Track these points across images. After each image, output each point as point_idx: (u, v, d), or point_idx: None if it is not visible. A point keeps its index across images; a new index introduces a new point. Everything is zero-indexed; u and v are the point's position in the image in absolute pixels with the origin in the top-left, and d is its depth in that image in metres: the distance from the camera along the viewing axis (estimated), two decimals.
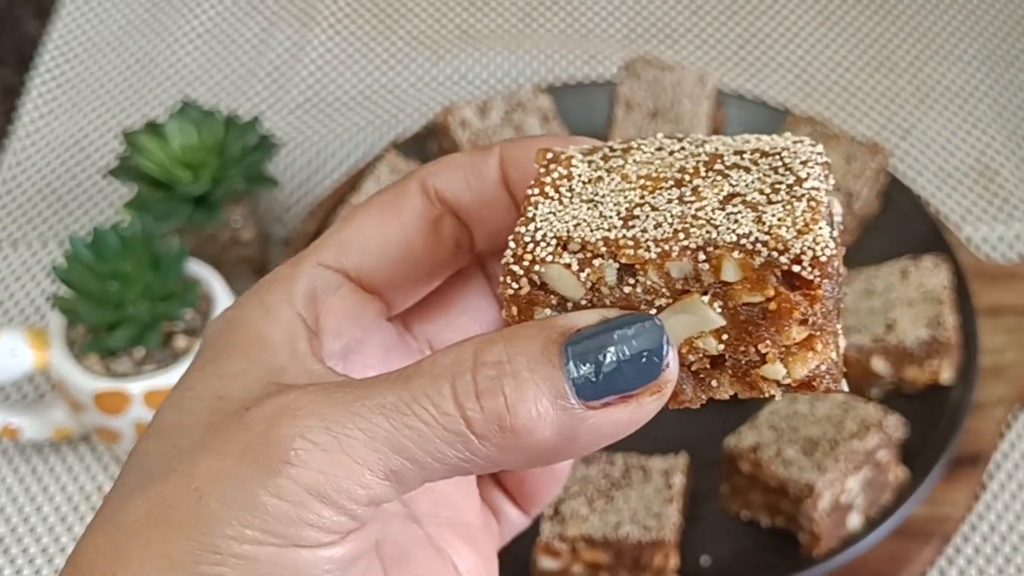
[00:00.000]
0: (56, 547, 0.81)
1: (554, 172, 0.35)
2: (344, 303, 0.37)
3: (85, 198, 1.01)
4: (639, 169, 0.34)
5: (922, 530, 0.78)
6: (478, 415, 0.31)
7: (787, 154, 0.34)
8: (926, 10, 1.14)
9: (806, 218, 0.31)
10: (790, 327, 0.32)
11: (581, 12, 1.16)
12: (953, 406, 0.81)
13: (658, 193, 0.33)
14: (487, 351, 0.31)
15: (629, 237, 0.32)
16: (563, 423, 0.31)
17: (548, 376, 0.31)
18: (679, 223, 0.32)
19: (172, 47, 1.13)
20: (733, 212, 0.32)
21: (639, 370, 0.31)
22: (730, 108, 0.98)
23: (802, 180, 0.32)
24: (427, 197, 0.37)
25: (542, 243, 0.32)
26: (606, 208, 0.33)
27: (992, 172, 1.01)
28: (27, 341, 0.79)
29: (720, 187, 0.33)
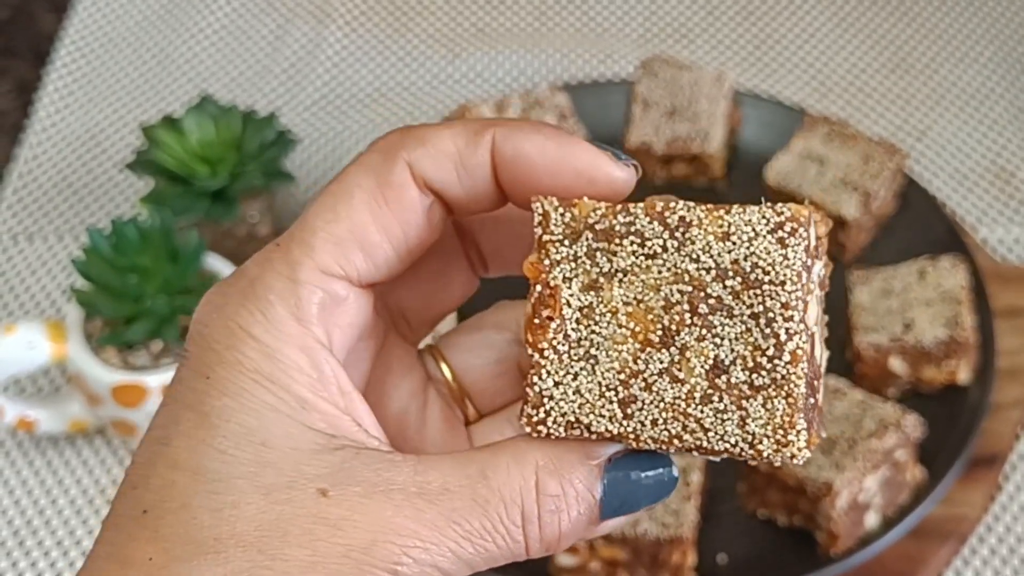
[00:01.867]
0: (71, 540, 0.81)
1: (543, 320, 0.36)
2: (350, 312, 0.36)
3: (101, 192, 1.02)
4: (626, 293, 0.35)
5: (939, 530, 0.78)
6: (537, 545, 0.36)
7: (768, 281, 0.34)
8: (942, 12, 1.14)
9: (785, 424, 0.34)
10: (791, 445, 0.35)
11: (596, 11, 1.16)
12: (970, 407, 0.81)
13: (649, 354, 0.35)
14: (547, 483, 0.35)
15: (630, 431, 0.35)
16: (584, 534, 0.37)
17: (589, 509, 0.36)
18: (672, 420, 0.35)
19: (188, 43, 1.14)
20: (720, 410, 0.34)
21: (650, 498, 0.37)
22: (747, 108, 0.98)
23: (782, 345, 0.34)
24: (418, 187, 0.36)
25: (554, 425, 0.36)
26: (603, 373, 0.35)
27: (1008, 174, 1.01)
28: (45, 334, 0.79)
29: (705, 352, 0.35)
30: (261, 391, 0.33)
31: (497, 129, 0.36)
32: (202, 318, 0.35)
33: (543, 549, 0.36)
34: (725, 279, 0.34)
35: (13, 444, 0.86)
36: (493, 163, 0.36)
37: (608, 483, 0.36)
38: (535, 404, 0.36)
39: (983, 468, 0.81)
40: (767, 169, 0.90)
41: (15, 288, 0.95)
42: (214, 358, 0.34)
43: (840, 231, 0.88)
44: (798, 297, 0.34)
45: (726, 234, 0.34)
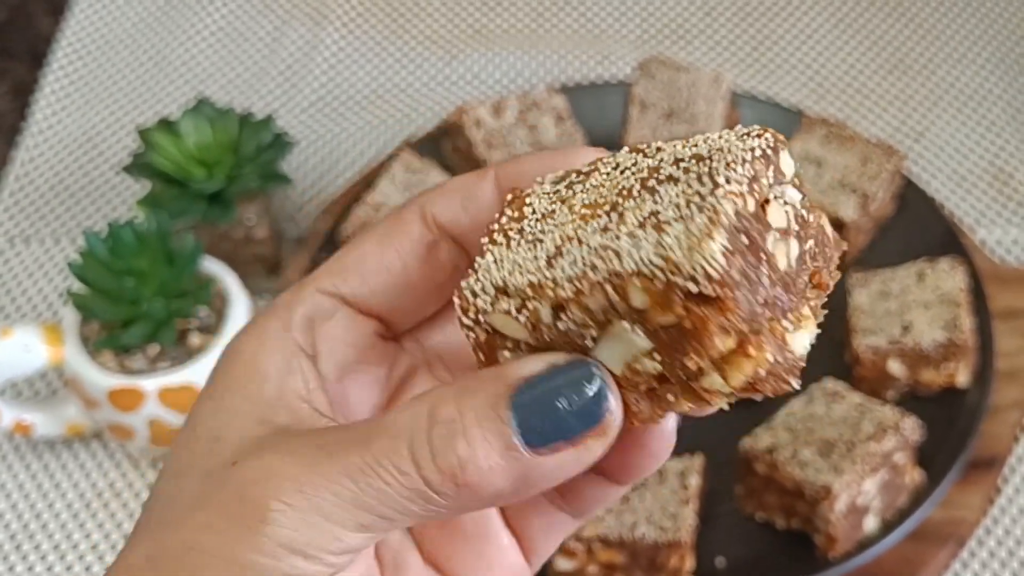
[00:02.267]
0: (68, 544, 0.81)
1: (504, 217, 0.36)
2: (339, 327, 0.38)
3: (98, 195, 1.01)
4: (587, 196, 0.35)
5: (937, 533, 0.78)
6: (434, 474, 0.33)
7: (719, 157, 0.33)
8: (940, 12, 1.14)
9: (700, 234, 0.31)
10: (712, 339, 0.32)
11: (594, 13, 1.16)
12: (969, 409, 0.81)
13: (590, 223, 0.34)
14: (440, 409, 0.33)
15: (549, 278, 0.33)
16: (514, 472, 0.33)
17: (497, 431, 0.33)
18: (592, 256, 0.33)
19: (185, 45, 1.13)
20: (639, 237, 0.32)
21: (582, 417, 0.33)
22: (744, 109, 0.97)
23: (716, 188, 0.32)
24: (424, 223, 0.38)
25: (482, 294, 0.34)
26: (543, 247, 0.34)
27: (1006, 175, 1.01)
28: (41, 337, 0.79)
29: (643, 208, 0.33)
30: (232, 396, 0.36)
31: (498, 164, 0.39)
32: (228, 343, 0.38)
33: (448, 482, 0.33)
34: (681, 162, 0.34)
35: (10, 448, 0.86)
36: (499, 193, 0.38)
37: (519, 400, 0.33)
38: (469, 276, 0.34)
39: (982, 471, 0.81)
40: None
41: (11, 291, 0.95)
42: (211, 375, 0.37)
43: (839, 233, 0.88)
44: (748, 159, 0.33)
45: (695, 144, 0.34)
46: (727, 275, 0.31)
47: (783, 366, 0.33)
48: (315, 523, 0.33)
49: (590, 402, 0.33)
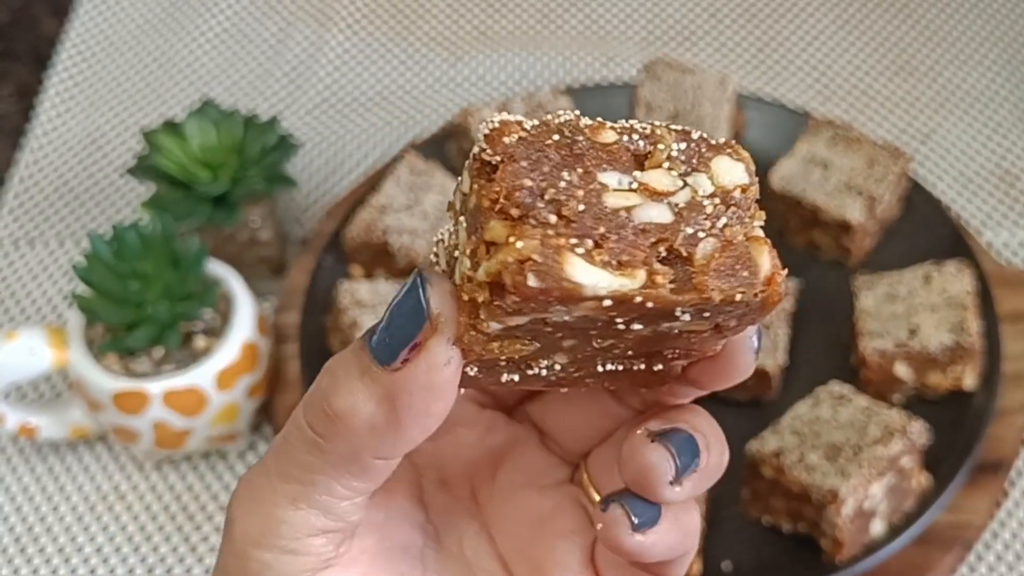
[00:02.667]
0: (72, 547, 0.81)
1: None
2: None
3: (102, 197, 1.01)
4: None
5: (944, 537, 0.77)
6: (311, 415, 0.34)
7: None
8: (946, 14, 1.14)
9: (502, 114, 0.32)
10: (488, 221, 0.31)
11: (599, 14, 1.16)
12: (976, 412, 0.80)
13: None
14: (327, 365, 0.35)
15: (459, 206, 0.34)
16: (376, 392, 0.34)
17: (354, 359, 0.34)
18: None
19: (190, 46, 1.13)
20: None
21: (413, 321, 0.33)
22: (750, 111, 0.97)
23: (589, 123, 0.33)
24: None
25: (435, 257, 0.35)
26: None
27: (1013, 177, 1.00)
28: (46, 340, 0.79)
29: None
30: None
31: None
32: None
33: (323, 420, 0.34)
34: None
35: (15, 450, 0.85)
36: None
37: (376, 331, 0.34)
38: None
39: (989, 474, 0.80)
40: (771, 173, 0.90)
41: (16, 293, 0.95)
42: None
43: (845, 235, 0.88)
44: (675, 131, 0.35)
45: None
46: (512, 148, 0.31)
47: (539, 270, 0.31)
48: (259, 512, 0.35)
49: (416, 303, 0.33)
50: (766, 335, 0.82)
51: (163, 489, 0.83)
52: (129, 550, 0.81)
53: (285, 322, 0.88)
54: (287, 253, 0.93)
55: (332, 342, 0.85)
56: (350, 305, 0.82)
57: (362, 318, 0.81)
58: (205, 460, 0.85)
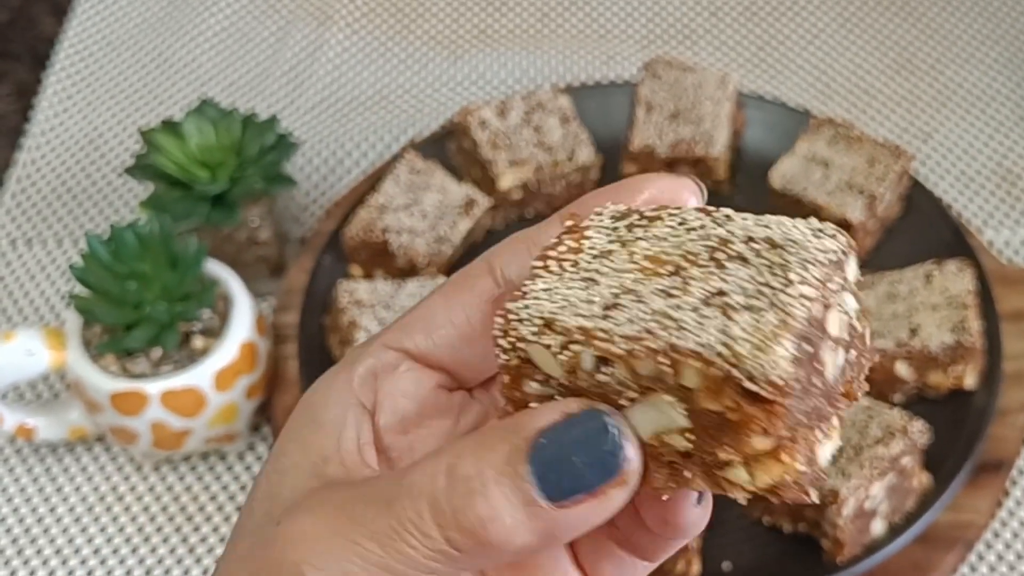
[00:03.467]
0: (70, 548, 0.81)
1: (563, 245, 0.35)
2: (402, 380, 0.38)
3: (100, 197, 1.01)
4: (649, 247, 0.34)
5: (945, 536, 0.77)
6: (456, 534, 0.33)
7: (795, 249, 0.33)
8: (947, 12, 1.14)
9: (770, 335, 0.31)
10: (750, 438, 0.31)
11: (599, 13, 1.15)
12: (977, 412, 0.80)
13: (652, 280, 0.33)
14: (459, 466, 0.33)
15: (603, 329, 0.32)
16: (537, 526, 0.33)
17: (516, 487, 0.32)
18: (652, 320, 0.32)
19: (188, 46, 1.13)
20: (705, 315, 0.32)
21: (599, 469, 0.32)
22: (751, 110, 0.97)
23: (789, 285, 0.32)
24: (492, 277, 0.38)
25: (527, 321, 0.33)
26: (598, 290, 0.33)
27: (1014, 176, 1.00)
28: (44, 341, 0.78)
29: (710, 282, 0.32)
30: (292, 451, 0.37)
31: (568, 206, 0.38)
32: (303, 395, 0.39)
33: (471, 541, 0.33)
34: (752, 242, 0.33)
35: (12, 451, 0.85)
36: None
37: (537, 454, 0.32)
38: (516, 299, 0.34)
39: (990, 474, 0.80)
40: (772, 172, 0.90)
41: (14, 293, 0.94)
42: (283, 430, 0.38)
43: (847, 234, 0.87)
44: (823, 262, 0.33)
45: (766, 225, 0.34)
46: (788, 384, 0.30)
47: (807, 476, 0.32)
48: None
49: (606, 454, 0.32)
50: None
51: (161, 490, 0.83)
52: (127, 551, 0.81)
53: (284, 322, 0.88)
54: (286, 253, 0.93)
55: (331, 342, 0.85)
56: (349, 305, 0.82)
57: (361, 318, 0.81)
58: (204, 461, 0.84)
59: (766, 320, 0.31)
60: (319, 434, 0.37)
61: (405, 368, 0.38)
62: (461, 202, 0.90)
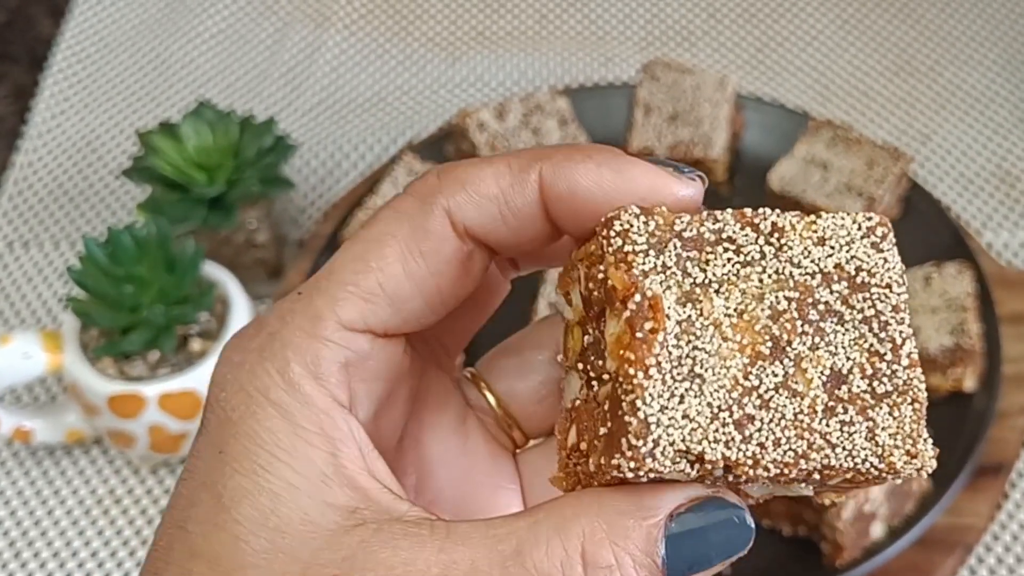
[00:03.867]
0: (67, 551, 0.81)
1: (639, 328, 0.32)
2: (375, 365, 0.34)
3: (97, 199, 1.01)
4: (727, 305, 0.32)
5: (945, 540, 0.77)
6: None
7: (875, 284, 0.33)
8: (946, 14, 1.13)
9: (913, 433, 0.32)
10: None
11: (598, 15, 1.15)
12: (976, 415, 0.80)
13: (760, 366, 0.32)
14: (596, 555, 0.31)
15: (748, 455, 0.31)
16: None
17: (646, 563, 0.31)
18: (796, 439, 0.32)
19: (186, 48, 1.13)
20: (845, 422, 0.32)
21: (726, 552, 0.32)
22: (749, 112, 0.97)
23: (899, 349, 0.33)
24: (457, 234, 0.34)
25: (660, 455, 0.31)
26: (713, 393, 0.32)
27: (1013, 178, 1.00)
28: (41, 344, 0.78)
29: (820, 361, 0.32)
30: (278, 466, 0.32)
31: (544, 164, 0.33)
32: (218, 380, 0.33)
33: None
34: (831, 283, 0.33)
35: (9, 454, 0.85)
36: (543, 201, 0.34)
37: (671, 542, 0.31)
38: (639, 434, 0.31)
39: (989, 477, 0.80)
40: (770, 174, 0.90)
41: (11, 296, 0.94)
42: (229, 430, 0.32)
43: None
44: (905, 301, 0.33)
45: (822, 239, 0.33)
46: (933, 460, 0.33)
47: None
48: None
49: (736, 542, 0.32)
50: None
51: (159, 493, 0.83)
52: (125, 554, 0.80)
53: None
54: (284, 255, 0.93)
55: None
56: None
57: None
58: None
59: (903, 415, 0.32)
60: (304, 448, 0.32)
61: (376, 352, 0.34)
62: None
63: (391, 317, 0.34)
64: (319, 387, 0.32)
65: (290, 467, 0.32)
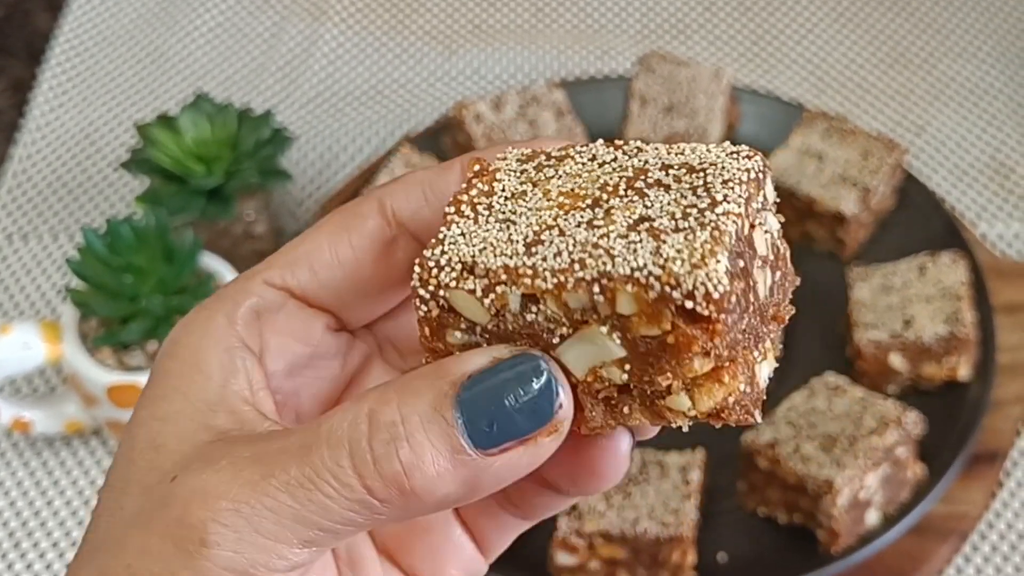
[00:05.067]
0: (67, 540, 0.81)
1: (474, 188, 0.34)
2: (289, 321, 0.37)
3: (96, 191, 1.01)
4: (563, 184, 0.33)
5: (940, 527, 0.77)
6: (377, 482, 0.31)
7: (713, 171, 0.32)
8: (940, 6, 1.14)
9: (704, 250, 0.30)
10: (691, 360, 0.31)
11: (594, 8, 1.16)
12: (971, 403, 0.80)
13: (572, 214, 0.32)
14: (381, 412, 0.31)
15: (528, 266, 0.31)
16: (463, 475, 0.31)
17: (442, 434, 0.31)
18: (579, 251, 0.31)
19: (184, 41, 1.13)
20: (635, 241, 0.31)
21: (532, 415, 0.31)
22: (745, 104, 0.97)
23: (716, 203, 0.31)
24: (383, 217, 0.36)
25: (447, 268, 0.32)
26: (517, 230, 0.32)
27: (1008, 169, 1.00)
28: (40, 334, 0.78)
29: (633, 209, 0.32)
30: (172, 397, 0.35)
31: (465, 156, 0.37)
32: (170, 333, 0.36)
33: (393, 491, 0.31)
34: (670, 169, 0.33)
35: (9, 445, 0.85)
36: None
37: (466, 400, 0.31)
38: (433, 246, 0.32)
39: (984, 465, 0.80)
40: None
41: (10, 288, 0.94)
42: (153, 371, 0.36)
43: (839, 227, 0.88)
44: (744, 181, 0.32)
45: (680, 151, 0.34)
46: (726, 297, 0.30)
47: (750, 396, 0.32)
48: (256, 543, 0.31)
49: (539, 398, 0.31)
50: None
51: None
52: None
53: None
54: (282, 247, 0.93)
55: None
56: None
57: None
58: None
59: (700, 240, 0.30)
60: (201, 380, 0.35)
61: (290, 308, 0.36)
62: None
63: (308, 279, 0.36)
64: (229, 328, 0.35)
65: (183, 395, 0.34)
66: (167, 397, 0.35)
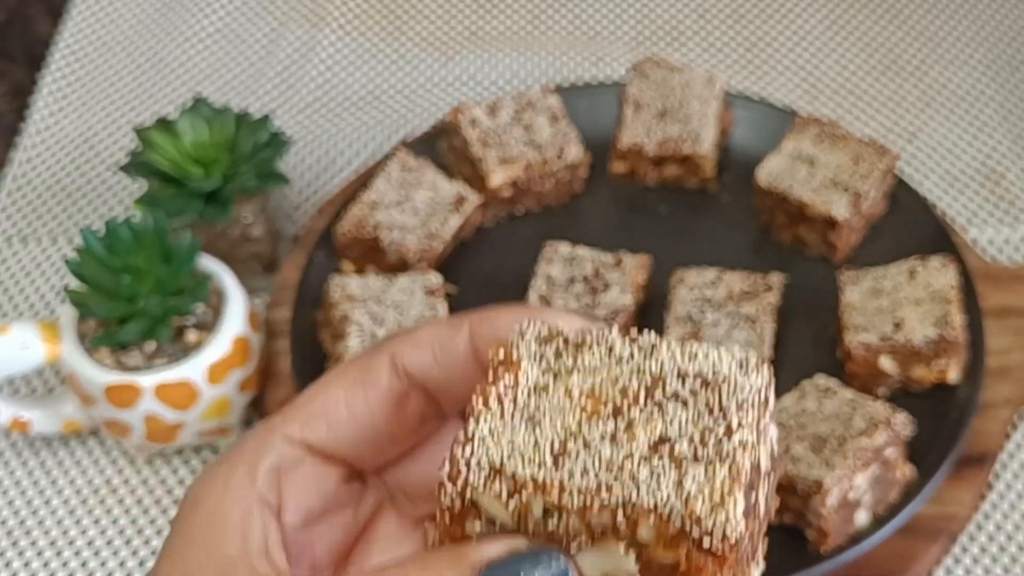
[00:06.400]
0: (64, 540, 0.82)
1: (500, 382, 0.36)
2: (306, 476, 0.39)
3: (95, 195, 1.02)
4: (583, 381, 0.35)
5: (929, 528, 0.78)
6: None
7: (727, 388, 0.35)
8: (932, 14, 1.15)
9: (723, 490, 0.33)
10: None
11: (589, 15, 1.17)
12: (960, 405, 0.81)
13: (594, 422, 0.34)
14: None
15: (556, 481, 0.33)
16: None
17: None
18: (605, 472, 0.33)
19: (183, 46, 1.14)
20: (657, 467, 0.33)
21: None
22: (738, 109, 0.98)
23: (732, 431, 0.34)
24: (395, 373, 0.39)
25: (476, 468, 0.34)
26: (543, 433, 0.34)
27: (998, 176, 1.01)
28: (39, 334, 0.79)
29: (653, 426, 0.34)
30: (194, 550, 0.37)
31: (472, 316, 0.39)
32: (192, 485, 0.38)
33: None
34: (686, 379, 0.35)
35: (7, 445, 0.86)
36: (472, 345, 0.38)
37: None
38: (463, 443, 0.34)
39: (973, 467, 0.81)
40: (758, 170, 0.91)
41: (9, 289, 0.95)
42: (176, 522, 0.38)
43: (830, 232, 0.88)
44: (755, 403, 0.35)
45: (693, 355, 0.36)
46: (741, 539, 0.33)
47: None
48: None
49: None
50: (752, 329, 0.83)
51: (155, 483, 0.84)
52: (121, 543, 0.81)
53: (277, 318, 0.89)
54: (279, 249, 0.94)
55: (323, 337, 0.86)
56: (341, 300, 0.83)
57: (353, 312, 0.82)
58: (197, 455, 0.85)
59: (717, 476, 0.33)
60: (222, 536, 0.37)
61: (308, 464, 0.38)
62: (452, 199, 0.91)
63: (326, 436, 0.38)
64: (250, 485, 0.37)
65: (205, 551, 0.36)
66: (190, 549, 0.37)
